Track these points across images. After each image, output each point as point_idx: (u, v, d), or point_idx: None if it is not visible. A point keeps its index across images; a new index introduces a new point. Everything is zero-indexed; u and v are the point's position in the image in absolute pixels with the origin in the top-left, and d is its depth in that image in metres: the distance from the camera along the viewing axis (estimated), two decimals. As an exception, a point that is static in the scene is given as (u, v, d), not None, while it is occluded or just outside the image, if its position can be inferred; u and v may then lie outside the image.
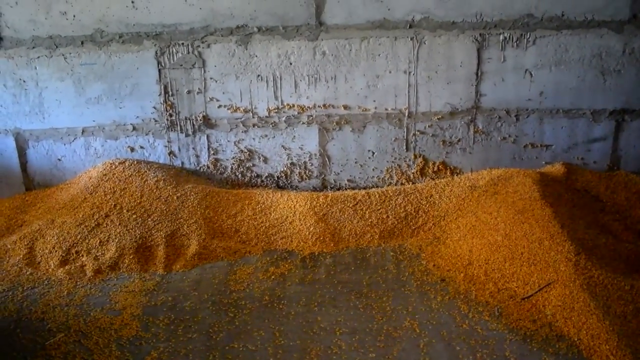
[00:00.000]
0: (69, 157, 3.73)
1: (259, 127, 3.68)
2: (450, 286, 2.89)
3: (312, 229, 3.36)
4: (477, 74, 3.56)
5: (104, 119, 3.66)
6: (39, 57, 3.54)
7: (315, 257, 3.20)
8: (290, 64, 3.56)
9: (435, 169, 3.74)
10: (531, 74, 3.55)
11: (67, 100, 3.62)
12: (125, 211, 3.37)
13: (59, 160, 3.74)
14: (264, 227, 3.39)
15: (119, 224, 3.29)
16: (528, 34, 3.47)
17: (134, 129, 3.69)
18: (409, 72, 3.56)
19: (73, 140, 3.70)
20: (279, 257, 3.20)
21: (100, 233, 3.24)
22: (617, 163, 3.70)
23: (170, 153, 3.75)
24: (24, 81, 3.59)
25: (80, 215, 3.34)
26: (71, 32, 3.48)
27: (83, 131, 3.69)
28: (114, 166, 3.64)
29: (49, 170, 3.77)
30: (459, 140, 3.70)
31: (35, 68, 3.56)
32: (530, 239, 3.01)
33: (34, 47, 3.52)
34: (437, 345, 2.43)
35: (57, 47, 3.52)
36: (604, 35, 3.46)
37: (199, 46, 3.52)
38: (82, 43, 3.50)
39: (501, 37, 3.48)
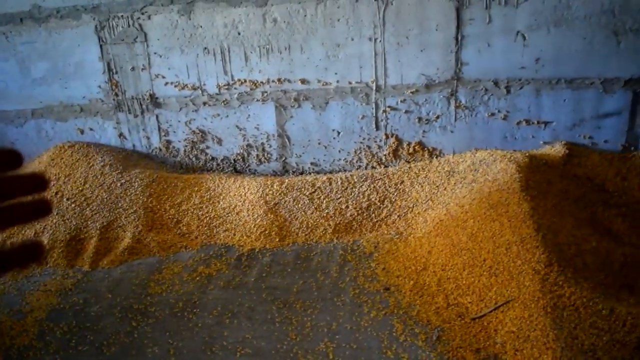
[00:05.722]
0: (22, 141, 3.57)
1: (209, 105, 3.31)
2: (392, 297, 2.46)
3: (259, 221, 3.00)
4: (456, 38, 2.98)
5: (52, 99, 3.44)
6: (-17, 35, 3.36)
7: (254, 254, 2.85)
8: (239, 34, 3.13)
9: (411, 150, 3.22)
10: (524, 37, 2.92)
11: (13, 82, 3.42)
12: (65, 200, 3.17)
13: (12, 144, 3.58)
14: (208, 218, 3.08)
15: (57, 214, 3.09)
16: (519, -12, 2.84)
17: (82, 110, 3.44)
18: (375, 39, 3.04)
19: (24, 123, 3.52)
20: (215, 253, 2.88)
21: (37, 223, 3.06)
22: (635, 142, 3.01)
23: (121, 135, 3.48)
24: (-30, 62, 3.43)
25: (21, 204, 3.17)
26: (9, 9, 3.25)
27: (32, 113, 3.49)
28: (63, 150, 3.44)
29: (7, 153, 3.63)
30: (437, 117, 3.15)
31: (-19, 47, 3.39)
32: (497, 242, 2.50)
33: (-23, 25, 3.34)
34: (341, 379, 2.05)
35: (-1, 24, 3.31)
36: (615, -16, 2.76)
37: (139, 18, 3.18)
38: (21, 20, 3.26)
39: (485, -8, 2.88)
